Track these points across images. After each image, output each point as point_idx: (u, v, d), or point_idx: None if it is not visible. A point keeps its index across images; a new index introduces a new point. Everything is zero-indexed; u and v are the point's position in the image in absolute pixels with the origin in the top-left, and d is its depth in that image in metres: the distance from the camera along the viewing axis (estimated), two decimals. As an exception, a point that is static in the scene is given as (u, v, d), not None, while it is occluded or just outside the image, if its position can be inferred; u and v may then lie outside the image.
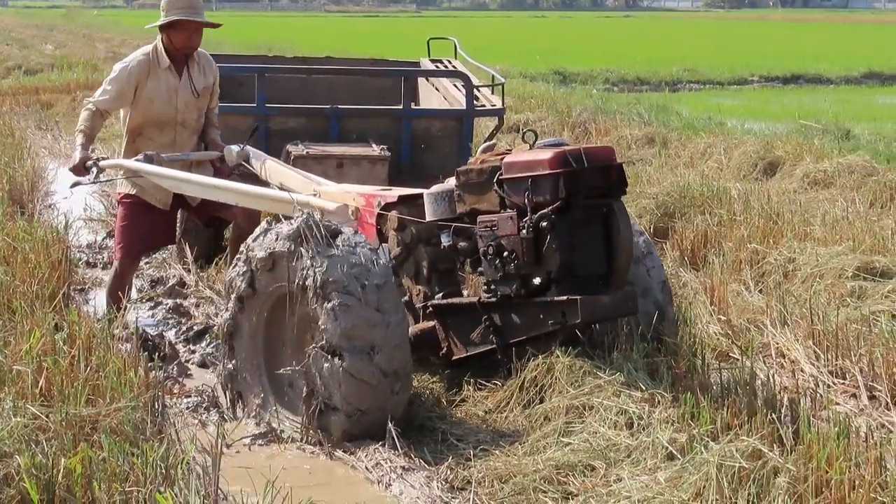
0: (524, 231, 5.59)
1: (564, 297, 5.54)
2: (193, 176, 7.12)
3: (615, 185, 5.71)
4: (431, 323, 6.12)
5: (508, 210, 5.71)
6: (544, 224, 5.55)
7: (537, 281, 5.63)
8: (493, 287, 5.81)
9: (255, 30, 47.28)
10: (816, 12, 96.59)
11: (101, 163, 7.14)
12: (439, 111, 9.57)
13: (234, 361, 5.92)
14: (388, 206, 6.28)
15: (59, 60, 27.11)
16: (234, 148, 7.40)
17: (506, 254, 5.70)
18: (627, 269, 5.79)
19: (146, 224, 7.45)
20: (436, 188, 6.14)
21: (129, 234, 7.44)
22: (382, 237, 6.31)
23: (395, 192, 6.41)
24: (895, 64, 31.70)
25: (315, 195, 6.61)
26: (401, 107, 9.49)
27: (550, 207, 5.53)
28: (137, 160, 7.12)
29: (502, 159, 5.78)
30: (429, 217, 6.10)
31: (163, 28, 7.34)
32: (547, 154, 5.58)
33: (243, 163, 7.38)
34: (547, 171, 5.54)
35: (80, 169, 7.14)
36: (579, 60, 31.62)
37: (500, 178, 5.73)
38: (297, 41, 35.81)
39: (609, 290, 5.67)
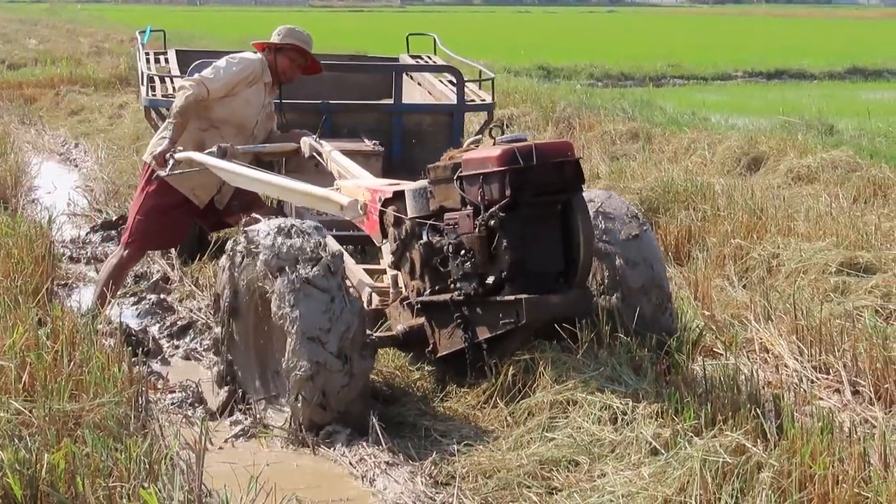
0: (477, 229, 5.53)
1: (513, 297, 5.47)
2: (263, 174, 6.92)
3: (570, 182, 5.61)
4: (421, 319, 6.05)
5: (467, 207, 5.64)
6: (493, 222, 5.48)
7: (490, 280, 5.56)
8: (457, 285, 5.75)
9: (239, 25, 47.14)
10: (800, 8, 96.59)
11: (177, 155, 7.07)
12: (430, 106, 9.55)
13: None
14: (387, 202, 6.21)
15: (43, 55, 26.98)
16: (308, 140, 7.43)
17: (463, 252, 5.64)
18: (588, 265, 5.70)
19: (173, 220, 7.42)
20: (414, 184, 6.09)
21: (151, 226, 7.37)
22: (385, 232, 6.27)
23: (399, 187, 6.31)
24: (878, 59, 31.77)
25: (337, 190, 6.58)
26: (392, 102, 9.47)
27: (499, 205, 5.45)
28: (210, 153, 7.01)
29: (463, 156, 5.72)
30: (409, 213, 6.02)
31: (272, 49, 7.49)
32: (496, 151, 5.51)
33: (315, 154, 7.40)
34: (495, 168, 5.47)
35: (161, 161, 7.10)
36: (563, 55, 31.57)
37: (460, 174, 5.67)
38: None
39: (569, 288, 5.60)
